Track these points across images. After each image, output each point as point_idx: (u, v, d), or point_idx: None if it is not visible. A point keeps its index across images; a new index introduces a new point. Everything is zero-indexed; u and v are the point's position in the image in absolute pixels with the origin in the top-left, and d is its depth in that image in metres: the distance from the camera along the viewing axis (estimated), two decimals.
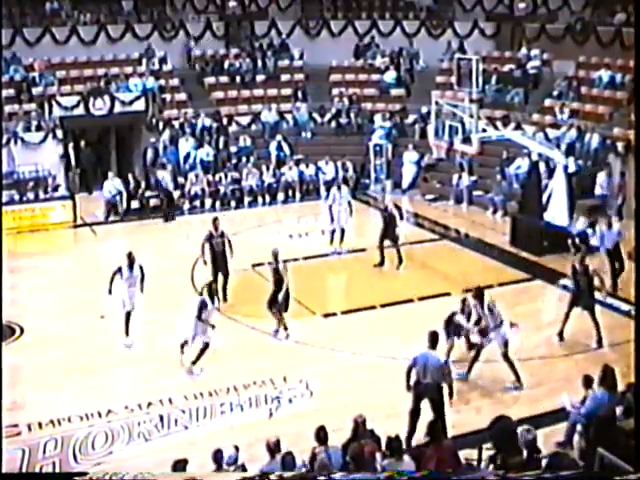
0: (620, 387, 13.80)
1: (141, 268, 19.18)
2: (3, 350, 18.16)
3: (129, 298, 18.96)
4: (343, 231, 24.99)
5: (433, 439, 12.01)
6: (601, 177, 27.74)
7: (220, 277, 21.37)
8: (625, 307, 20.25)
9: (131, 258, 19.15)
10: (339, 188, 25.83)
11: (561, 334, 19.01)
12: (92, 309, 20.42)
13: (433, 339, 14.88)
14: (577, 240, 24.37)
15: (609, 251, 21.93)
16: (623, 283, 21.42)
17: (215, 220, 21.65)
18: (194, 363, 17.63)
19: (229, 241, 21.43)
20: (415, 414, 14.78)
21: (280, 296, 19.10)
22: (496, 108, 32.70)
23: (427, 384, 14.69)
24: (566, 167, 25.23)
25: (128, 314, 18.97)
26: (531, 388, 16.84)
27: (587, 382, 13.81)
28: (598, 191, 27.69)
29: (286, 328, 19.19)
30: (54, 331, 19.21)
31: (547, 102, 32.65)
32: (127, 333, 18.95)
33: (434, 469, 11.39)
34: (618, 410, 13.41)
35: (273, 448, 12.47)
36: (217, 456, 12.33)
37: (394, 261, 23.39)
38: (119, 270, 19.07)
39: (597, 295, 19.04)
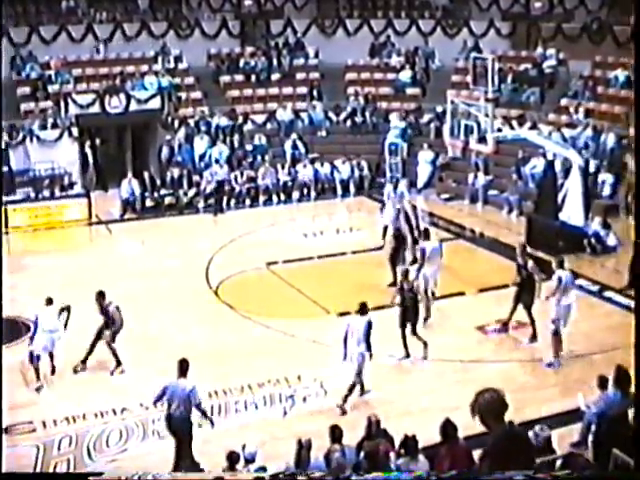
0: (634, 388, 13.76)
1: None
2: (20, 347, 18.25)
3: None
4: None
5: (447, 439, 12.00)
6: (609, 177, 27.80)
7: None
8: None
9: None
10: (395, 187, 25.86)
11: (505, 324, 19.41)
12: None
13: (182, 367, 14.15)
14: (593, 240, 24.36)
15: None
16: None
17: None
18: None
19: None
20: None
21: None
22: (512, 107, 32.64)
23: (174, 416, 13.98)
24: (582, 167, 25.16)
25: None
26: (546, 388, 16.82)
27: (602, 382, 13.77)
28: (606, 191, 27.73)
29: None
30: (70, 328, 19.22)
31: (563, 102, 32.59)
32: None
33: (448, 469, 11.39)
34: (632, 411, 13.37)
35: (304, 447, 12.49)
36: (232, 457, 12.33)
37: None
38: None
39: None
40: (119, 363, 17.71)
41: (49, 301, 17.65)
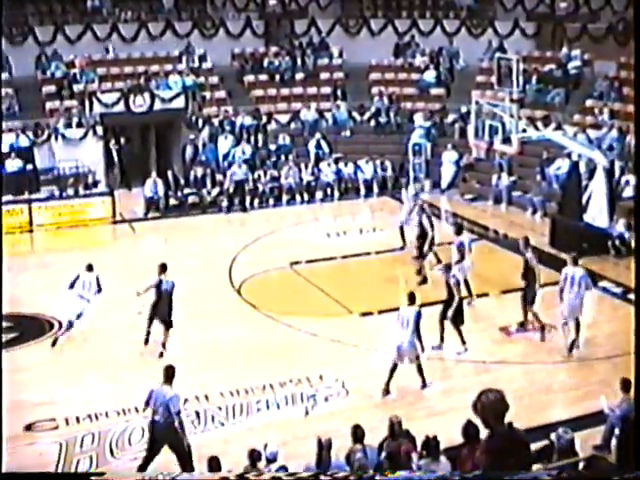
0: None
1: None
2: (43, 344, 18.35)
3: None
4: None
5: (469, 440, 11.95)
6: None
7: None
8: None
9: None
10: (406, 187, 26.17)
11: (522, 324, 19.61)
12: (129, 305, 20.51)
13: (167, 373, 13.99)
14: (617, 242, 24.23)
15: None
16: None
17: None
18: None
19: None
20: (149, 457, 13.95)
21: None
22: (536, 108, 32.50)
23: (158, 422, 13.81)
24: (607, 168, 25.02)
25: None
26: (569, 390, 16.75)
27: (625, 385, 13.67)
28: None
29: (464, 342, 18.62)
30: (92, 326, 19.31)
31: (588, 103, 32.42)
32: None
33: (470, 470, 11.35)
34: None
35: (325, 447, 12.47)
36: (253, 455, 12.33)
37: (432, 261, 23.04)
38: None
39: None
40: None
41: (89, 268, 19.40)
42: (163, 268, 18.71)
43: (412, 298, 16.91)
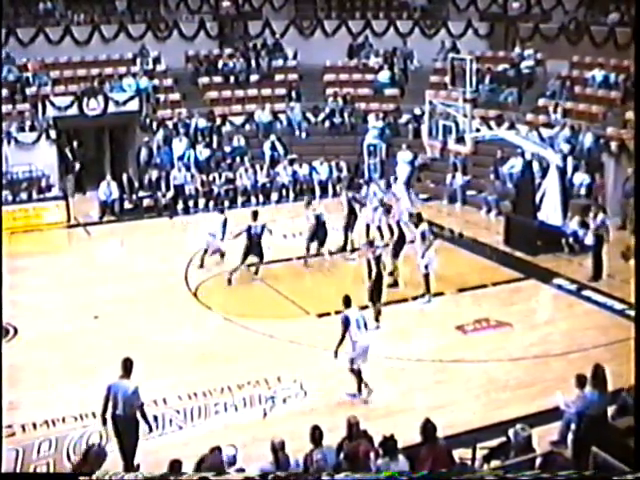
0: (614, 386, 13.83)
1: None
2: None
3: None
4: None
5: (427, 439, 12.01)
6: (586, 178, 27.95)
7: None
8: (619, 306, 20.28)
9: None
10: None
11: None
12: (86, 309, 20.41)
13: (126, 366, 13.83)
14: (571, 239, 24.44)
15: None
16: (619, 282, 21.53)
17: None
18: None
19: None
20: (123, 453, 13.88)
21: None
22: (490, 108, 32.70)
23: (119, 416, 13.69)
24: (559, 166, 25.23)
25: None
26: (525, 387, 16.86)
27: (580, 381, 13.80)
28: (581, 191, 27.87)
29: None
30: (48, 331, 19.18)
31: (541, 102, 32.66)
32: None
33: (429, 469, 11.41)
34: (611, 409, 13.44)
35: (278, 448, 12.46)
36: (215, 454, 12.29)
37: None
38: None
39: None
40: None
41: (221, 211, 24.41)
42: (255, 215, 22.88)
43: (348, 301, 16.67)
